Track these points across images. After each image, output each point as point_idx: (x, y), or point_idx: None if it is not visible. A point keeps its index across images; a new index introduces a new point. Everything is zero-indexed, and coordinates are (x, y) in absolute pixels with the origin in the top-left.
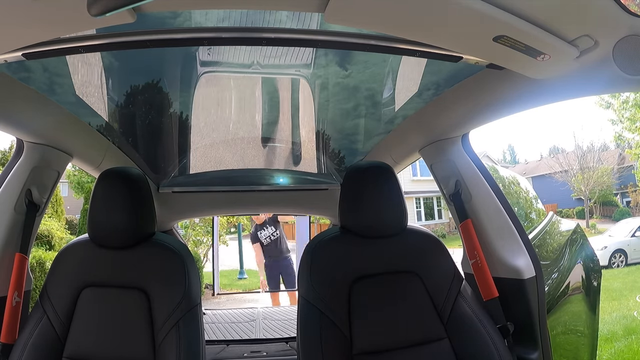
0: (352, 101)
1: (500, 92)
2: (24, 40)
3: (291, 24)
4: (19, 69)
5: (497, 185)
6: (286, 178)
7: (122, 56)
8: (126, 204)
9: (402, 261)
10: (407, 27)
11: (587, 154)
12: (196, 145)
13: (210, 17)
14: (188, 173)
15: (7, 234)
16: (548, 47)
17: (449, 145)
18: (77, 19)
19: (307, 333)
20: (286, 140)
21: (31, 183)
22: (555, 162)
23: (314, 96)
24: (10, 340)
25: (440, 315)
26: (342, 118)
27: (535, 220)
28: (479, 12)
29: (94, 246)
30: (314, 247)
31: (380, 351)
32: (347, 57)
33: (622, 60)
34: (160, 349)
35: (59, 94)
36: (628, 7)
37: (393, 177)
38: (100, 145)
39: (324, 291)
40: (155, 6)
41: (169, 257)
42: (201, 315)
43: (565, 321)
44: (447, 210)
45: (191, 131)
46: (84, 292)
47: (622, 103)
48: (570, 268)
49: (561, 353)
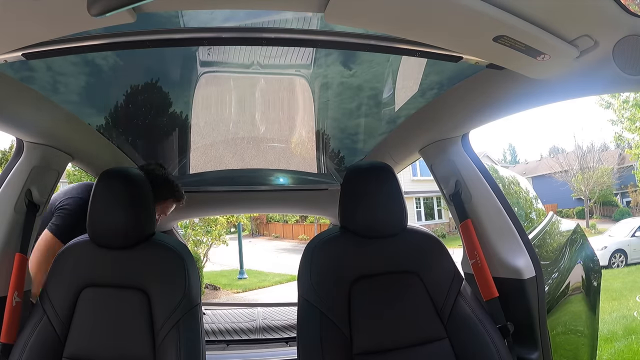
0: (353, 101)
1: (500, 92)
2: (24, 40)
3: (295, 24)
4: (21, 68)
5: (497, 185)
6: (286, 178)
7: (122, 56)
8: (126, 204)
9: (402, 261)
10: (407, 27)
11: (587, 154)
12: (196, 145)
13: (216, 15)
14: (188, 173)
15: (7, 234)
16: (548, 47)
17: (449, 145)
18: (77, 19)
19: (307, 333)
20: (286, 140)
21: (31, 183)
22: (555, 162)
23: (314, 96)
24: (10, 340)
25: (440, 315)
26: (343, 118)
27: (535, 220)
28: (479, 12)
29: (94, 246)
30: (314, 247)
31: (381, 351)
32: (350, 56)
33: (622, 60)
34: (160, 349)
35: (59, 94)
36: (628, 7)
37: (393, 177)
38: (100, 145)
39: (324, 291)
40: (155, 6)
41: (169, 257)
42: (201, 315)
43: (565, 321)
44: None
45: (191, 131)
46: (84, 292)
47: (622, 103)
48: (570, 268)
49: (561, 353)
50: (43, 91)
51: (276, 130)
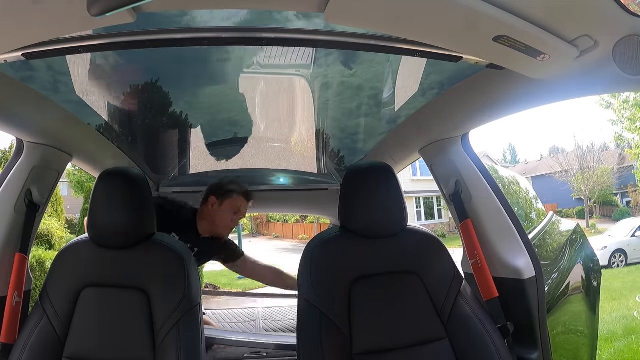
0: (353, 101)
1: (500, 92)
2: (24, 40)
3: (298, 24)
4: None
5: (497, 185)
6: (286, 178)
7: (122, 56)
8: (126, 204)
9: (402, 261)
10: (407, 27)
11: (587, 154)
12: (196, 145)
13: (216, 14)
14: (188, 173)
15: (7, 234)
16: (548, 47)
17: (449, 145)
18: (77, 19)
19: (307, 333)
20: (286, 140)
21: (31, 183)
22: (556, 162)
23: (314, 96)
24: (10, 340)
25: (440, 315)
26: (343, 118)
27: (535, 220)
28: (479, 12)
29: (94, 246)
30: (314, 247)
31: (381, 351)
32: (350, 56)
33: (622, 60)
34: (160, 349)
35: (59, 94)
36: (628, 7)
37: (393, 177)
38: (100, 145)
39: (324, 291)
40: (155, 6)
41: (169, 257)
42: (201, 315)
43: (565, 321)
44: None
45: (191, 131)
46: (84, 292)
47: (622, 103)
48: (570, 268)
49: (561, 353)
50: (43, 91)
51: (276, 130)
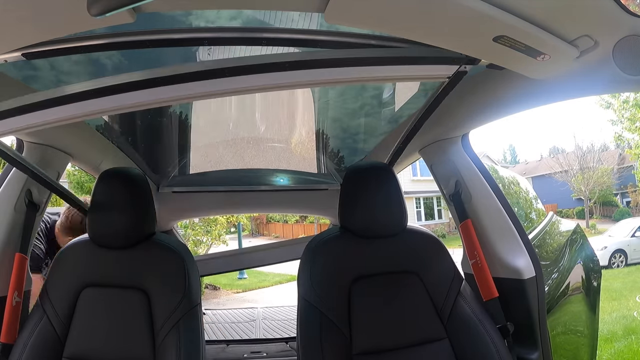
0: (353, 101)
1: (500, 92)
2: (24, 40)
3: (302, 24)
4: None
5: (497, 185)
6: (286, 178)
7: (123, 55)
8: (126, 204)
9: (402, 261)
10: (407, 27)
11: (587, 154)
12: (196, 145)
13: (221, 14)
14: (188, 173)
15: (7, 234)
16: (548, 47)
17: (449, 145)
18: (77, 19)
19: (307, 333)
20: (286, 140)
21: (31, 183)
22: (555, 162)
23: (314, 96)
24: (10, 340)
25: (440, 316)
26: (343, 118)
27: (535, 220)
28: (479, 12)
29: (94, 246)
30: (314, 247)
31: (381, 351)
32: None
33: (622, 60)
34: (160, 349)
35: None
36: (628, 7)
37: (393, 177)
38: (100, 145)
39: (324, 291)
40: (155, 6)
41: (169, 257)
42: (201, 315)
43: (565, 321)
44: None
45: (191, 131)
46: (84, 292)
47: (622, 103)
48: (570, 268)
49: (561, 353)
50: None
51: (276, 130)
